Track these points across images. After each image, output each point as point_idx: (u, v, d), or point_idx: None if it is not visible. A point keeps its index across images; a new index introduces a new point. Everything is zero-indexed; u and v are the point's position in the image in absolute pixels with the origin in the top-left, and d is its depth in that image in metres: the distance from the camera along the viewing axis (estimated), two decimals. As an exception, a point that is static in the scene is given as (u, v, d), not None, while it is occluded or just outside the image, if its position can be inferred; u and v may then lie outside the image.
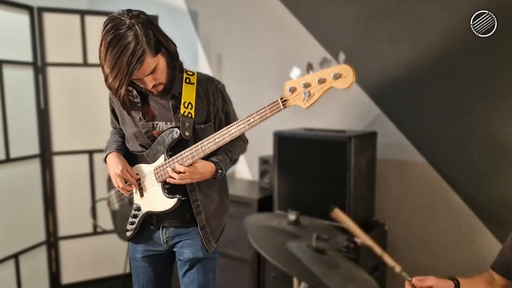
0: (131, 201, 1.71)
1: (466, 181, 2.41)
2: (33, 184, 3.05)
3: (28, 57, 2.97)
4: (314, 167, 2.48)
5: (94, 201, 2.25)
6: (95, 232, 3.27)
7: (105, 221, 2.84)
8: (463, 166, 2.41)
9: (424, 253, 2.59)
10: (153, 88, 1.49)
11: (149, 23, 1.39)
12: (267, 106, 1.35)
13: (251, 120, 1.37)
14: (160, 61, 1.44)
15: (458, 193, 2.44)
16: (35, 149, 3.05)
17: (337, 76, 1.20)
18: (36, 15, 2.96)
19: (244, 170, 3.44)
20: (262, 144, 3.01)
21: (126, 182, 1.65)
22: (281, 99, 1.33)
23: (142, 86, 1.49)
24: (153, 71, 1.42)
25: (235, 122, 1.41)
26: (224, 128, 1.44)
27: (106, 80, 1.37)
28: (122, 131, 1.73)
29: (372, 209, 2.64)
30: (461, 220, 2.44)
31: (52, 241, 3.16)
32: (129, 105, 1.50)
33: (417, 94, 2.52)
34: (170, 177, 1.55)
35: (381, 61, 2.61)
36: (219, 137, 1.45)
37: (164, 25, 1.58)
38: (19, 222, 2.95)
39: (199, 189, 1.64)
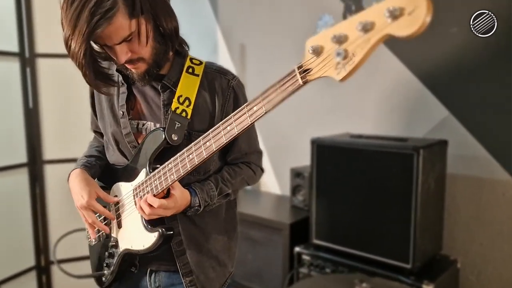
0: (107, 234, 1.33)
1: None
2: (20, 199, 2.79)
3: (14, 47, 2.70)
4: (364, 186, 2.07)
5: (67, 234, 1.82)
6: (94, 255, 2.89)
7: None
8: None
9: (507, 298, 2.17)
10: (131, 66, 1.13)
11: None
12: (278, 83, 0.88)
13: (255, 108, 0.92)
14: (142, 28, 1.06)
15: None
16: (22, 157, 2.78)
17: (395, 14, 0.66)
18: (23, -3, 2.69)
19: (272, 182, 3.04)
20: (294, 152, 2.72)
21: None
22: (298, 67, 0.84)
23: (114, 58, 1.12)
24: (128, 38, 1.06)
25: (233, 114, 0.98)
26: (219, 124, 1.02)
27: (66, 43, 1.05)
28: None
29: (440, 240, 2.16)
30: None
31: (43, 266, 2.91)
32: (96, 78, 1.11)
33: (499, 91, 2.12)
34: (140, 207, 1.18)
35: (451, 49, 2.22)
36: (210, 139, 1.03)
37: (177, 10, 1.18)
38: (3, 245, 2.66)
39: (185, 217, 1.24)
